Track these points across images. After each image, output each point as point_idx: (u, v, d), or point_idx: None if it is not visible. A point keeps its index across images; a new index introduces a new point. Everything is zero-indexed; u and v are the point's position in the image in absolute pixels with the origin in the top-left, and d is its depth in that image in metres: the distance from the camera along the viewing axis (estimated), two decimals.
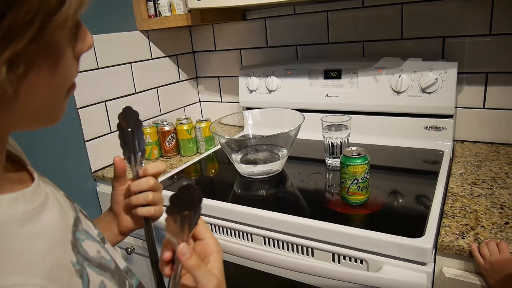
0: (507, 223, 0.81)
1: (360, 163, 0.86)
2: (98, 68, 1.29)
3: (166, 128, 1.38)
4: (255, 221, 0.92)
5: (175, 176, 1.21)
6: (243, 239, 0.95)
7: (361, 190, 0.88)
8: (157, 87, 1.54)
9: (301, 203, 0.98)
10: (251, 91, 1.45)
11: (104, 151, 1.33)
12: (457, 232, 0.79)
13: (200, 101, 1.78)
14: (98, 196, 1.32)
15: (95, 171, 1.31)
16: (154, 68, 1.52)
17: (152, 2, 1.42)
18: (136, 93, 1.45)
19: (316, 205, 0.96)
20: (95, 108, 1.30)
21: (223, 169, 1.27)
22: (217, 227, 0.98)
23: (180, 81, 1.65)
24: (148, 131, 1.37)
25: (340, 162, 0.89)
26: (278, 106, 1.32)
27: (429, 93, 1.16)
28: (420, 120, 1.21)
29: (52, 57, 0.35)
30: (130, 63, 1.41)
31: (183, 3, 1.35)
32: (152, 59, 1.51)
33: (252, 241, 0.94)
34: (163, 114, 1.58)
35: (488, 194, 0.93)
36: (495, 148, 1.20)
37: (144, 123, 1.44)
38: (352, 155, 0.87)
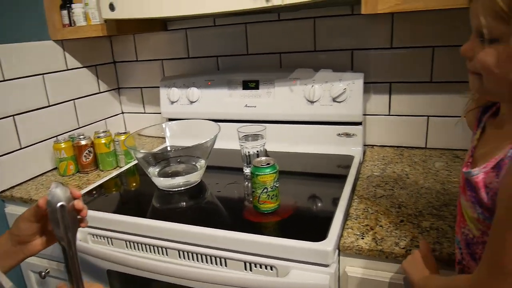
0: (402, 221, 0.88)
1: (268, 173, 0.89)
2: (4, 80, 1.22)
3: (83, 142, 1.32)
4: (168, 235, 0.91)
5: (94, 192, 1.17)
6: (158, 253, 0.94)
7: (271, 198, 0.91)
8: (74, 99, 1.48)
9: (217, 214, 0.99)
10: (172, 102, 1.45)
11: (13, 169, 1.25)
12: (358, 233, 0.85)
13: (123, 113, 1.73)
14: (7, 218, 1.24)
15: (3, 191, 1.22)
16: (71, 79, 1.46)
17: (66, 11, 1.37)
18: (49, 105, 1.38)
19: (231, 215, 0.98)
20: (2, 123, 1.22)
21: (143, 182, 1.25)
22: (129, 243, 0.96)
23: (100, 92, 1.60)
24: (63, 146, 1.31)
25: (250, 172, 0.91)
26: (200, 117, 1.33)
27: (339, 102, 1.23)
28: (333, 128, 1.27)
29: None
30: (42, 74, 1.34)
31: (99, 13, 1.31)
32: (68, 69, 1.45)
33: (167, 255, 0.93)
34: (82, 127, 1.51)
35: (389, 195, 1.01)
36: (400, 152, 1.31)
37: (59, 138, 1.38)
38: (262, 165, 0.90)
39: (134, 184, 1.27)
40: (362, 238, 0.83)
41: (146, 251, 0.95)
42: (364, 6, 0.92)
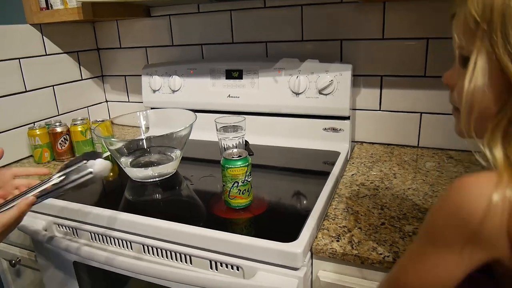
0: (383, 223, 0.82)
1: (239, 166, 0.82)
2: None
3: (58, 130, 1.27)
4: (132, 228, 0.86)
5: None
6: (122, 247, 0.88)
7: (243, 194, 0.84)
8: (53, 85, 1.42)
9: (186, 208, 0.93)
10: (154, 91, 1.38)
11: None
12: (334, 235, 0.78)
13: (106, 101, 1.67)
14: None
15: None
16: (50, 65, 1.40)
17: None
18: (26, 91, 1.32)
19: (201, 210, 0.92)
20: None
21: (120, 172, 1.18)
22: (94, 235, 0.91)
23: (82, 80, 1.54)
24: (37, 133, 1.25)
25: (221, 165, 0.85)
26: (182, 107, 1.27)
27: (325, 94, 1.16)
28: (319, 121, 1.21)
29: None
30: (18, 58, 1.29)
31: None
32: (47, 55, 1.39)
33: (132, 249, 0.87)
34: (62, 114, 1.46)
35: (372, 195, 0.94)
36: (390, 150, 1.24)
37: (35, 124, 1.32)
38: (233, 157, 0.84)
39: (111, 173, 1.20)
40: (338, 241, 0.76)
41: (110, 243, 0.89)
42: None
